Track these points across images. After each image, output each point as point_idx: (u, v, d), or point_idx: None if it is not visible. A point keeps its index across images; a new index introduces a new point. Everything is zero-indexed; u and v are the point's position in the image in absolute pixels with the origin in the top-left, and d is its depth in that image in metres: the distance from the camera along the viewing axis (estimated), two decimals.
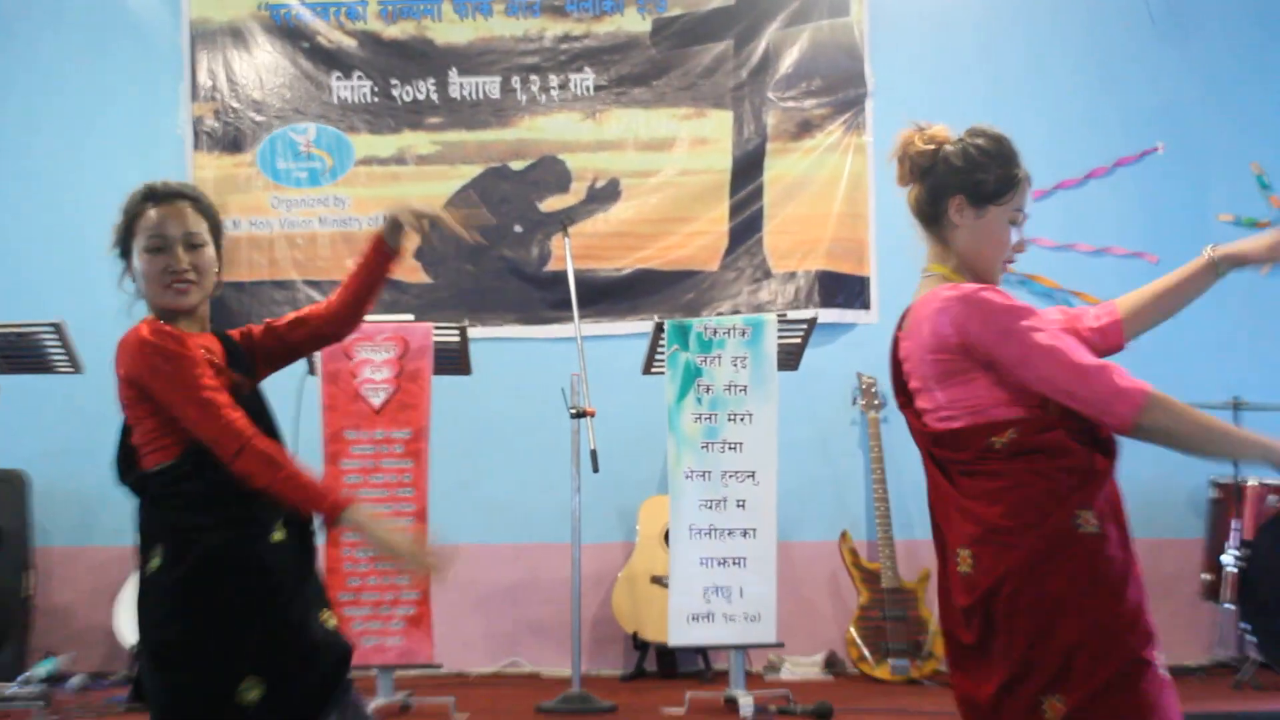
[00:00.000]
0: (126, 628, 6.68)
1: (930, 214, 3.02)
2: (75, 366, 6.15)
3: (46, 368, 6.20)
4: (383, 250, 3.31)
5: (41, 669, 6.47)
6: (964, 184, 2.96)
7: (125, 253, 3.19)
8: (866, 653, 6.59)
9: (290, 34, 7.58)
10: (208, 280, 3.21)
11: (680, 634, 5.93)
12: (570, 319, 6.31)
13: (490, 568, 7.34)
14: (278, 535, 3.07)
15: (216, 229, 3.27)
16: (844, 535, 6.85)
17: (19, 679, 6.25)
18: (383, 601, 5.82)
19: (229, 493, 2.99)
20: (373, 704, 5.65)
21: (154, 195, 3.20)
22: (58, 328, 6.01)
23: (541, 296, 7.35)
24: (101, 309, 7.22)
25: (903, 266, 6.06)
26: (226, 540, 3.01)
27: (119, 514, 7.12)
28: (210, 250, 3.21)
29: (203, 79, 7.59)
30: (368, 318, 6.17)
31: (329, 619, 3.15)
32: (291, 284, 7.48)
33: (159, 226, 3.14)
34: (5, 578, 6.75)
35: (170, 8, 7.63)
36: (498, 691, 6.65)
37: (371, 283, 3.37)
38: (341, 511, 2.95)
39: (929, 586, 6.69)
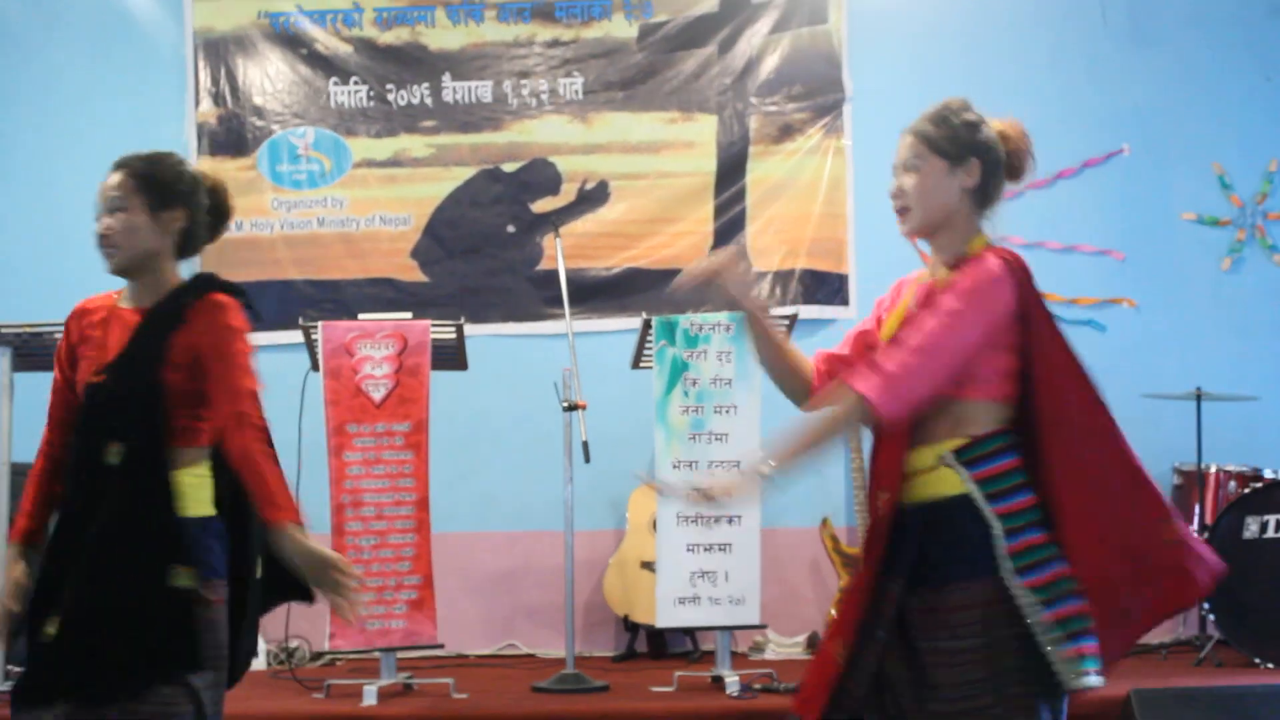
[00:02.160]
0: None
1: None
2: None
3: None
4: None
5: None
6: None
7: None
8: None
9: (289, 41, 7.68)
10: (129, 242, 3.32)
11: (668, 616, 5.99)
12: (562, 316, 6.33)
13: (487, 554, 7.41)
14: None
15: (155, 194, 3.33)
16: (825, 522, 6.91)
17: None
18: (386, 586, 5.84)
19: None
20: (375, 685, 5.71)
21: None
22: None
23: (534, 294, 7.44)
24: None
25: (880, 264, 6.21)
26: None
27: None
28: (128, 215, 3.31)
29: (206, 85, 7.67)
30: (368, 316, 6.07)
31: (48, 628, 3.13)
32: (293, 283, 7.57)
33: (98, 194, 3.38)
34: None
35: (174, 17, 7.70)
36: (495, 672, 6.68)
37: None
38: None
39: None
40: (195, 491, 3.28)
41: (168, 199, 3.37)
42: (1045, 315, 2.99)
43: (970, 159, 3.08)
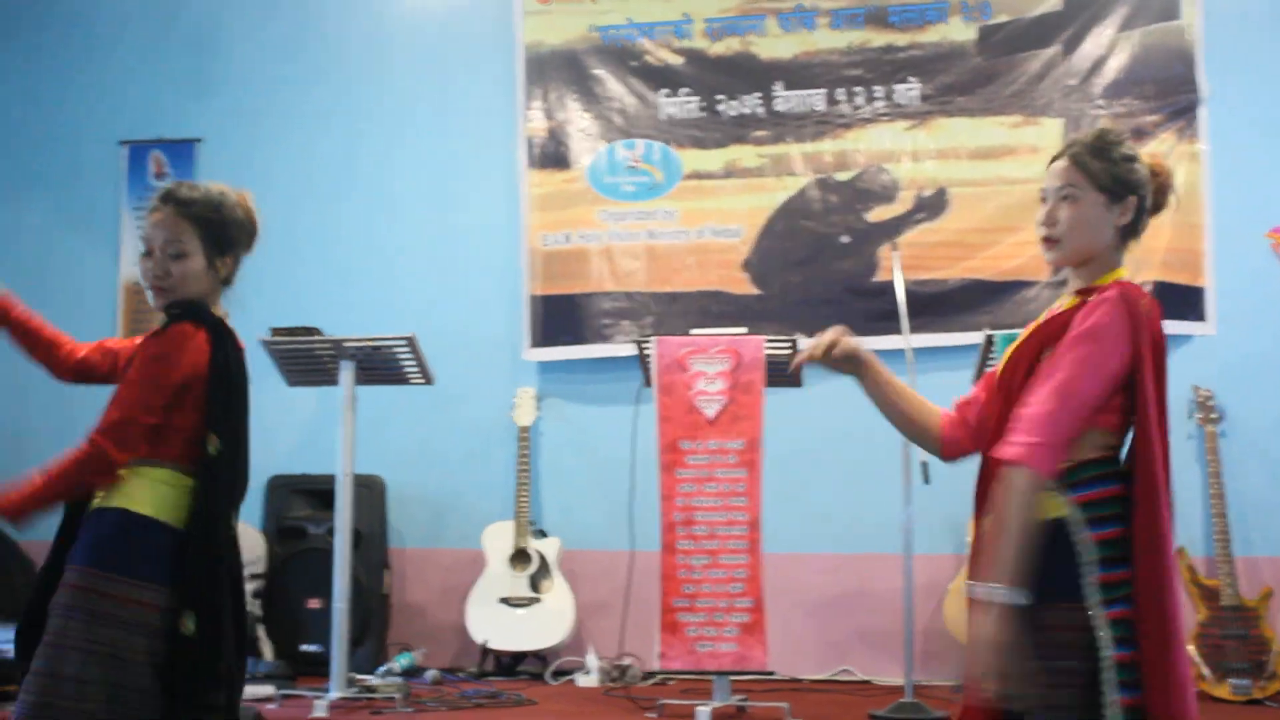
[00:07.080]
0: (478, 626, 7.15)
1: None
2: (426, 378, 6.54)
3: (400, 379, 6.60)
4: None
5: (399, 662, 6.87)
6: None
7: None
8: (1206, 671, 6.50)
9: (619, 54, 7.93)
10: (184, 288, 3.29)
11: None
12: (897, 330, 6.32)
13: (821, 577, 7.46)
14: None
15: (214, 240, 3.31)
16: (1180, 551, 6.76)
17: (379, 671, 6.69)
18: (717, 608, 5.93)
19: None
20: (709, 707, 5.77)
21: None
22: (410, 341, 6.40)
23: (867, 307, 7.29)
24: (448, 323, 7.70)
25: (1241, 276, 6.07)
26: None
27: (466, 518, 7.69)
28: (187, 263, 3.28)
29: (535, 99, 7.97)
30: (700, 331, 6.23)
31: None
32: (620, 295, 7.75)
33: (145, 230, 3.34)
34: (366, 577, 7.18)
35: (505, 33, 8.02)
36: (830, 698, 6.71)
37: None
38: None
39: (1272, 604, 6.65)
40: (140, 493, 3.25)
41: (224, 245, 3.37)
42: (1150, 361, 3.00)
43: (1128, 197, 3.10)
